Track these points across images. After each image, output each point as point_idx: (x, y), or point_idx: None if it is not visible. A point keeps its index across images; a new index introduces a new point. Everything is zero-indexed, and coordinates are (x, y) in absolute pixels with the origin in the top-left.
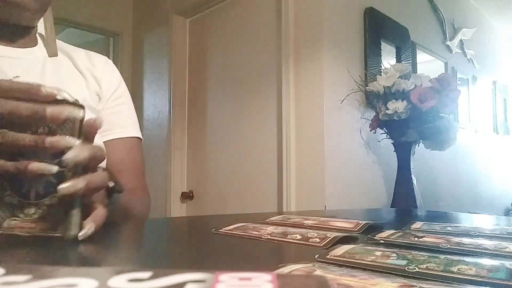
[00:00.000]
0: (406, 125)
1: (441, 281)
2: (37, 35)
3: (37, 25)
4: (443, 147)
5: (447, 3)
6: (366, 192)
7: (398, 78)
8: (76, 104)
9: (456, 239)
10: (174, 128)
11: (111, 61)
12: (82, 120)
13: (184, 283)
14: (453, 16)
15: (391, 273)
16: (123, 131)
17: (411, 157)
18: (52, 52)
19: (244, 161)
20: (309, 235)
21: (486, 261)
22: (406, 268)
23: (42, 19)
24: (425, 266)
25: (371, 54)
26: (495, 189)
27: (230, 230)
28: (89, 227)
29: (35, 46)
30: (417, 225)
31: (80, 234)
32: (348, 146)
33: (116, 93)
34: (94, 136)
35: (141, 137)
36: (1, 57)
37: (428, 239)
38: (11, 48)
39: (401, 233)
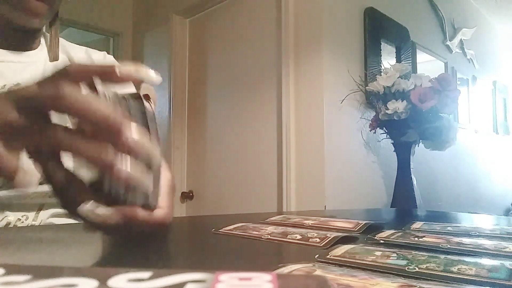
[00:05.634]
0: (406, 125)
1: (441, 281)
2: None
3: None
4: (443, 147)
5: (447, 3)
6: (366, 192)
7: (398, 78)
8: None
9: (456, 239)
10: (174, 128)
11: (110, 56)
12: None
13: (184, 283)
14: (453, 16)
15: (391, 273)
16: None
17: (411, 157)
18: (54, 58)
19: (244, 161)
20: (309, 235)
21: (486, 261)
22: (406, 268)
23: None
24: (425, 266)
25: (371, 54)
26: (495, 189)
27: (230, 230)
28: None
29: (37, 47)
30: (417, 225)
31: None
32: (348, 146)
33: None
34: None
35: None
36: (4, 62)
37: (428, 239)
38: (14, 52)
39: (401, 233)
